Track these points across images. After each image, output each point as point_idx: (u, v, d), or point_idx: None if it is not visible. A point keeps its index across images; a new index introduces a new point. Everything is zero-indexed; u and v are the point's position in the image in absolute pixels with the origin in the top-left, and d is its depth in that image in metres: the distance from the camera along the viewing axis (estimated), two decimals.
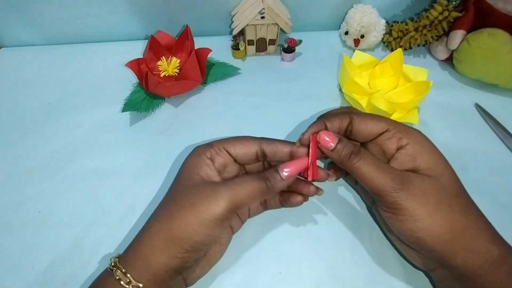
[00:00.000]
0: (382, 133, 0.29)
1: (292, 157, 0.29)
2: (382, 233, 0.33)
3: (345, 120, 0.29)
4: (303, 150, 0.28)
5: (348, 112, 0.31)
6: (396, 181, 0.25)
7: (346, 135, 0.30)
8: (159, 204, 0.28)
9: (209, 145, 0.29)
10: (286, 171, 0.27)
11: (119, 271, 0.25)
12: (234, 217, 0.31)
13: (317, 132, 0.28)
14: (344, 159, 0.27)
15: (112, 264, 0.26)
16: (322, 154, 0.29)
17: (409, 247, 0.28)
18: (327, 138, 0.27)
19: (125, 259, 0.26)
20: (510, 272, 0.24)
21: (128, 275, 0.25)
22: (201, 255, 0.28)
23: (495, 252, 0.24)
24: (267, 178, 0.26)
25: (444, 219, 0.25)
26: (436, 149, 0.28)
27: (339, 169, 0.32)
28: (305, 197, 0.31)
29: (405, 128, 0.28)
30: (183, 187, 0.27)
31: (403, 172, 0.26)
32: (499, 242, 0.25)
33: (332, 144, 0.27)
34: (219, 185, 0.26)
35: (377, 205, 0.29)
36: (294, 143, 0.29)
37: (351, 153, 0.27)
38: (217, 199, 0.25)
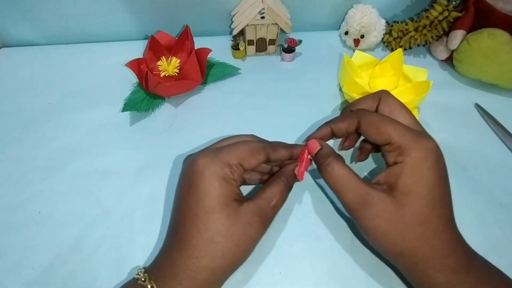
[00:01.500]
0: (385, 144, 0.29)
1: (291, 158, 0.32)
2: None
3: (353, 124, 0.30)
4: (298, 153, 0.32)
5: (357, 115, 0.31)
6: (355, 200, 0.27)
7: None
8: (183, 228, 0.27)
9: (225, 163, 0.27)
10: (301, 173, 0.31)
11: None
12: None
13: (322, 136, 0.32)
14: (320, 167, 0.29)
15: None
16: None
17: None
18: (312, 146, 0.31)
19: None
20: None
21: None
22: None
23: (438, 279, 0.25)
24: (288, 183, 0.30)
25: (391, 246, 0.27)
26: (426, 175, 0.26)
27: (364, 152, 0.35)
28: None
29: (408, 144, 0.27)
30: (227, 217, 0.26)
31: (367, 192, 0.27)
32: (447, 271, 0.25)
33: (315, 152, 0.30)
34: (265, 212, 0.28)
35: None
36: (292, 145, 0.32)
37: (323, 163, 0.29)
38: (266, 225, 0.28)
